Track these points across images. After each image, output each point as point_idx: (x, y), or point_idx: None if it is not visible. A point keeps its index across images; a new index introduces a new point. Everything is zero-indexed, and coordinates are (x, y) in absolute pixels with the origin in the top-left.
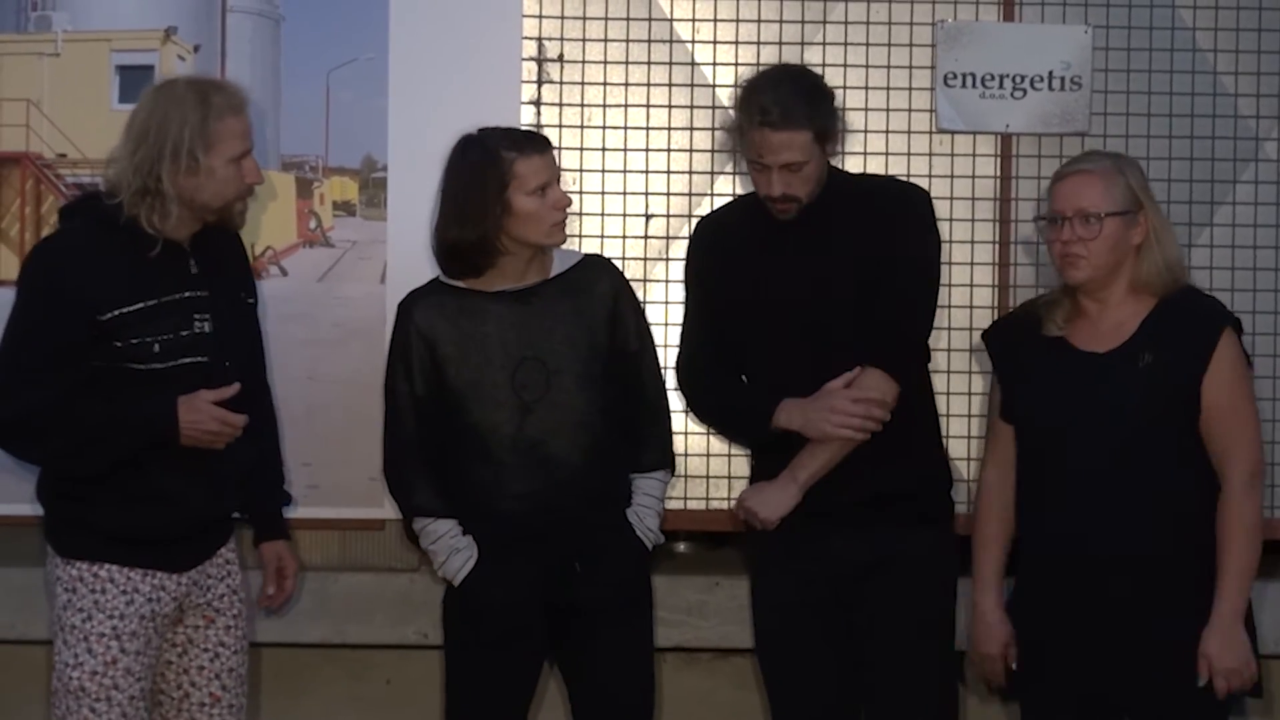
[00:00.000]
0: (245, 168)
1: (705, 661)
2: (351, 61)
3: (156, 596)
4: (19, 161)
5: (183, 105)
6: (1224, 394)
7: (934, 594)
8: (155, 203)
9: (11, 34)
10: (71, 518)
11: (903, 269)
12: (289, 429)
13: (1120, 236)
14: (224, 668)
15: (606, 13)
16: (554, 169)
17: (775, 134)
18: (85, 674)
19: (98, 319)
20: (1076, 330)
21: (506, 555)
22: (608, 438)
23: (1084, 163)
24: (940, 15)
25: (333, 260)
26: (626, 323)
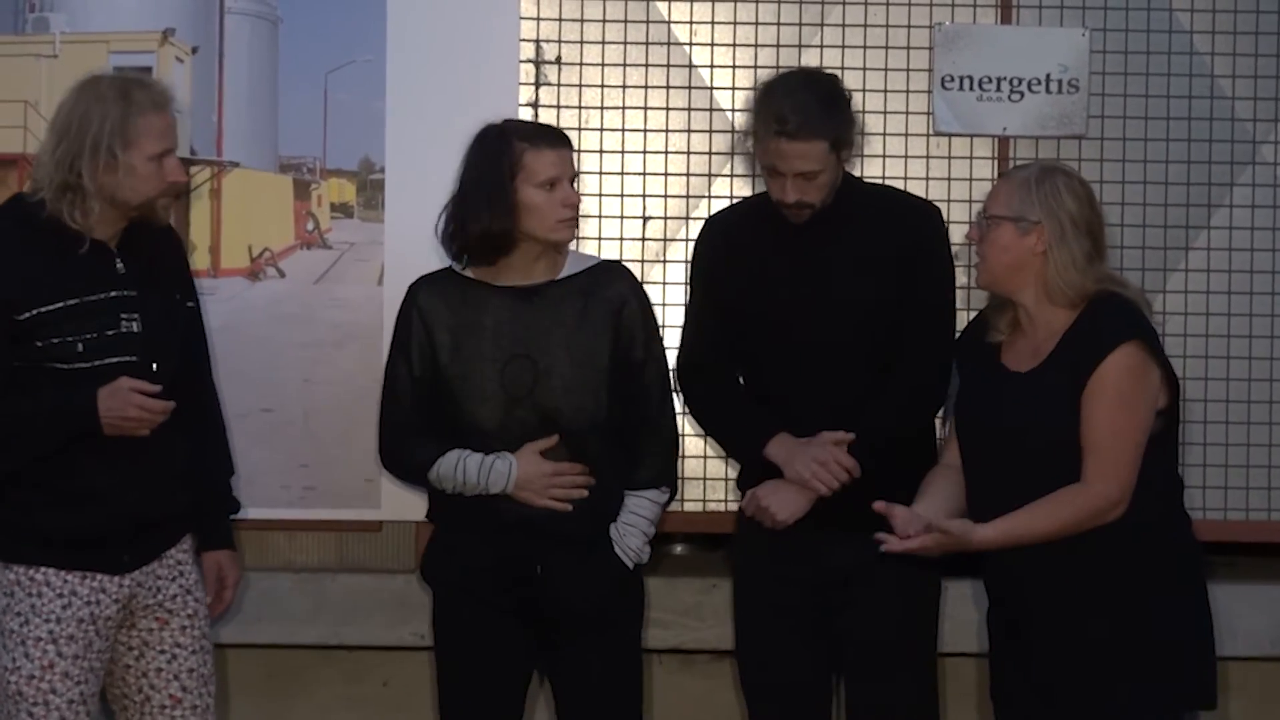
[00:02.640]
0: (167, 166)
1: (702, 664)
2: (349, 63)
3: (96, 599)
4: (16, 163)
5: (104, 101)
6: (1096, 407)
7: (916, 601)
8: (76, 199)
9: (9, 35)
10: (8, 522)
11: (933, 306)
12: (286, 431)
13: (1011, 243)
14: (182, 668)
15: (604, 15)
16: (566, 166)
17: (791, 144)
18: (22, 678)
19: (15, 319)
20: (1011, 343)
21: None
22: (597, 448)
23: (1016, 170)
24: (938, 18)
25: (330, 262)
26: (634, 332)
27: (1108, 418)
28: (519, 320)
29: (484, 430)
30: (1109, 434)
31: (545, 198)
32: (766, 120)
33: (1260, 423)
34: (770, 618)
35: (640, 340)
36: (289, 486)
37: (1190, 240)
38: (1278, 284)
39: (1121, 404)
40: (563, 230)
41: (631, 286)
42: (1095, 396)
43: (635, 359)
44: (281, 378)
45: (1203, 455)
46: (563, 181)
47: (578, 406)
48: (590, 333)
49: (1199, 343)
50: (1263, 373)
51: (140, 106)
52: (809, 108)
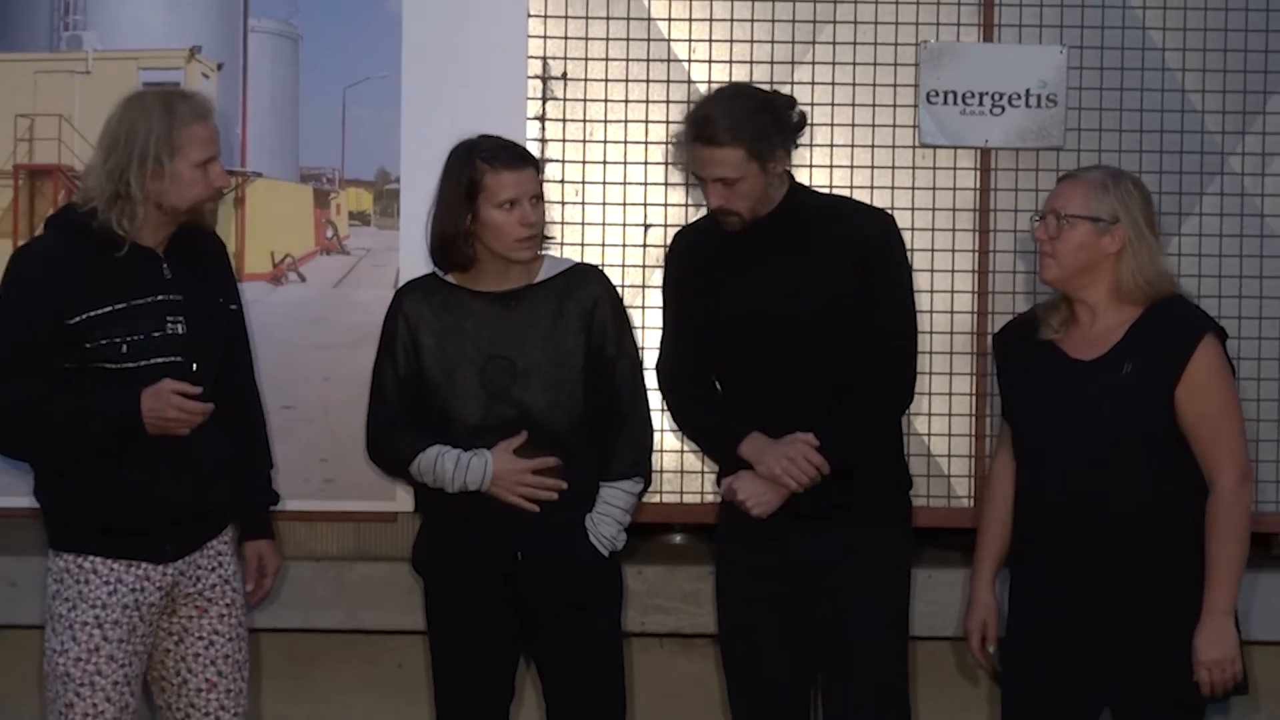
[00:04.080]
0: (211, 172)
1: (700, 647)
2: (366, 79)
3: (140, 587)
4: (51, 173)
5: (149, 114)
6: (1203, 401)
7: (888, 590)
8: (125, 206)
9: (45, 53)
10: (60, 512)
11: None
12: (307, 427)
13: (1088, 242)
14: (219, 655)
15: (607, 34)
16: (526, 186)
17: (707, 149)
18: (70, 660)
19: (66, 323)
20: (1070, 337)
21: (457, 529)
22: (573, 443)
23: (1083, 171)
24: (923, 36)
25: (348, 267)
26: (605, 330)
27: (1220, 406)
28: (498, 323)
29: (467, 426)
30: (1224, 420)
31: (504, 217)
32: (689, 126)
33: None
34: (748, 604)
35: (612, 337)
36: (309, 480)
37: (1162, 246)
38: (1244, 288)
39: (1224, 390)
40: (521, 249)
41: (603, 287)
42: (1200, 390)
43: (607, 355)
44: (302, 376)
45: None
46: (522, 202)
47: (555, 403)
48: (565, 332)
49: None
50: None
51: (183, 117)
52: (727, 115)
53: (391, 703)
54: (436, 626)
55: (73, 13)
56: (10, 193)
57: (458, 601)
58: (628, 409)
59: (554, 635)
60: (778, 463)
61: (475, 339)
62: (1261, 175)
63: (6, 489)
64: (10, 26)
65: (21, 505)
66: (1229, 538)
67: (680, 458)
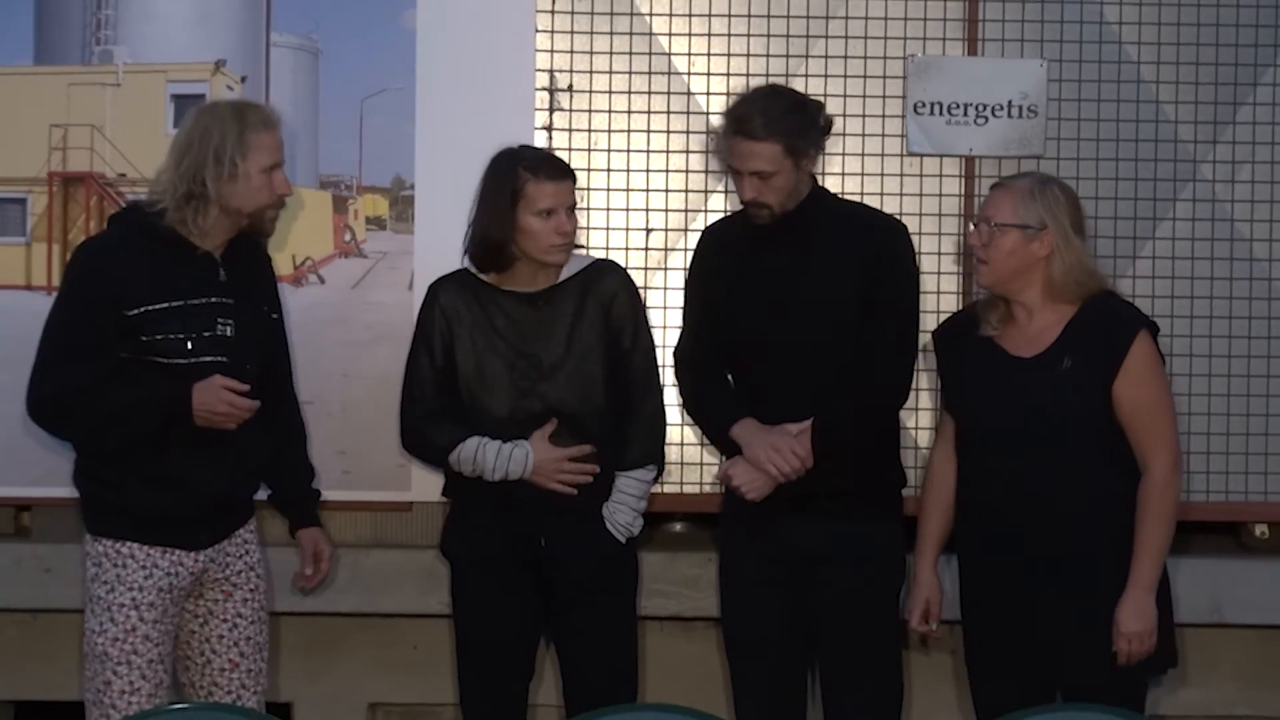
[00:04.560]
0: (276, 179)
1: (700, 629)
2: (382, 91)
3: (174, 571)
4: (84, 180)
5: (223, 120)
6: (1140, 393)
7: (880, 579)
8: (199, 205)
9: (78, 66)
10: (100, 499)
11: (899, 308)
12: (326, 421)
13: (1017, 248)
14: (241, 636)
15: (611, 48)
16: (564, 197)
17: (745, 143)
18: (108, 640)
19: (125, 313)
20: (1008, 334)
21: (484, 516)
22: (596, 433)
23: (1010, 180)
24: (911, 50)
25: (365, 270)
26: (622, 324)
27: (1154, 398)
28: (527, 322)
29: (495, 418)
30: (1158, 411)
31: (542, 224)
32: (729, 121)
33: (1200, 413)
34: (748, 587)
35: (628, 331)
36: (328, 471)
37: (1137, 250)
38: (1215, 289)
39: (1158, 383)
40: (555, 254)
41: (622, 282)
42: (1136, 382)
43: (623, 348)
44: (321, 373)
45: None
46: (559, 211)
47: (579, 396)
48: (586, 327)
49: None
50: (1202, 369)
51: (253, 124)
52: (766, 112)
53: (406, 682)
54: (462, 607)
55: (104, 28)
56: (45, 198)
57: (483, 584)
58: (642, 400)
59: (573, 618)
60: (762, 450)
61: (505, 336)
62: (1231, 182)
63: (42, 480)
64: (46, 41)
65: (56, 495)
66: (1158, 520)
67: (681, 450)
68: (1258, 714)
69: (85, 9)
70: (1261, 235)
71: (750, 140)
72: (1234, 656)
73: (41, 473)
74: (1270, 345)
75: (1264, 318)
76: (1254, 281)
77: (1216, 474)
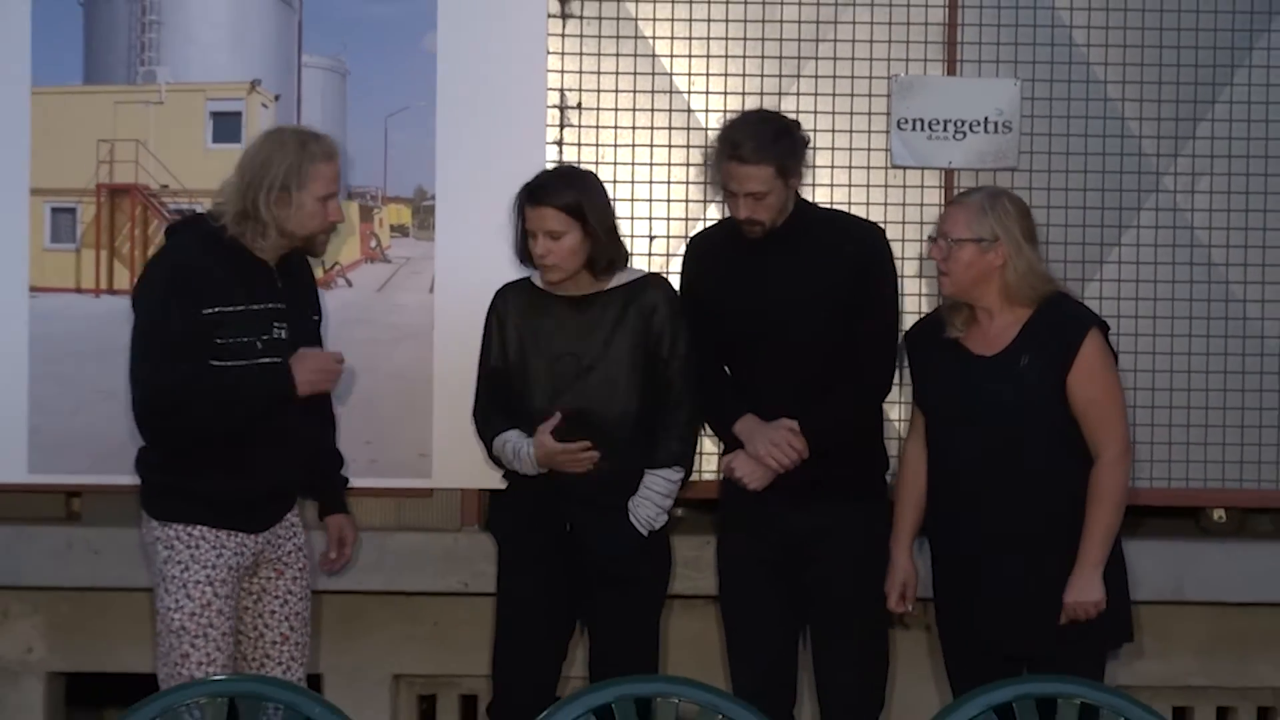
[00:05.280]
0: (330, 207)
1: (699, 607)
2: (405, 109)
3: (239, 552)
4: (130, 191)
5: (285, 148)
6: (1090, 386)
7: (867, 558)
8: (254, 225)
9: (124, 85)
10: (169, 487)
11: (881, 309)
12: (354, 413)
13: (974, 260)
14: (291, 612)
15: (617, 69)
16: (538, 222)
17: (741, 167)
18: (185, 615)
19: (201, 312)
20: (972, 335)
21: (523, 500)
22: (625, 431)
23: (964, 196)
24: (894, 70)
25: (390, 274)
26: (660, 334)
27: (1104, 391)
28: (571, 324)
29: (536, 411)
30: (1108, 403)
31: (533, 245)
32: (723, 146)
33: (1162, 406)
34: (744, 566)
35: (666, 341)
36: (355, 460)
37: (1104, 256)
38: (1176, 291)
39: (1108, 377)
40: (547, 274)
41: (664, 295)
42: (1088, 377)
43: (660, 356)
44: (349, 369)
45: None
46: (538, 236)
47: (611, 397)
48: (626, 335)
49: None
50: (1164, 365)
51: (314, 155)
52: (757, 137)
53: (427, 655)
54: (501, 582)
55: (148, 50)
56: (94, 208)
57: (519, 563)
58: (675, 404)
59: (601, 601)
60: (762, 445)
61: (551, 336)
62: (1191, 193)
63: (91, 467)
64: (94, 63)
65: (104, 481)
66: (1106, 503)
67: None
68: (1214, 684)
69: (130, 33)
70: (1219, 242)
71: (744, 164)
72: (1193, 631)
73: (90, 461)
74: (1227, 344)
75: (1221, 318)
76: (1211, 285)
77: (1178, 463)
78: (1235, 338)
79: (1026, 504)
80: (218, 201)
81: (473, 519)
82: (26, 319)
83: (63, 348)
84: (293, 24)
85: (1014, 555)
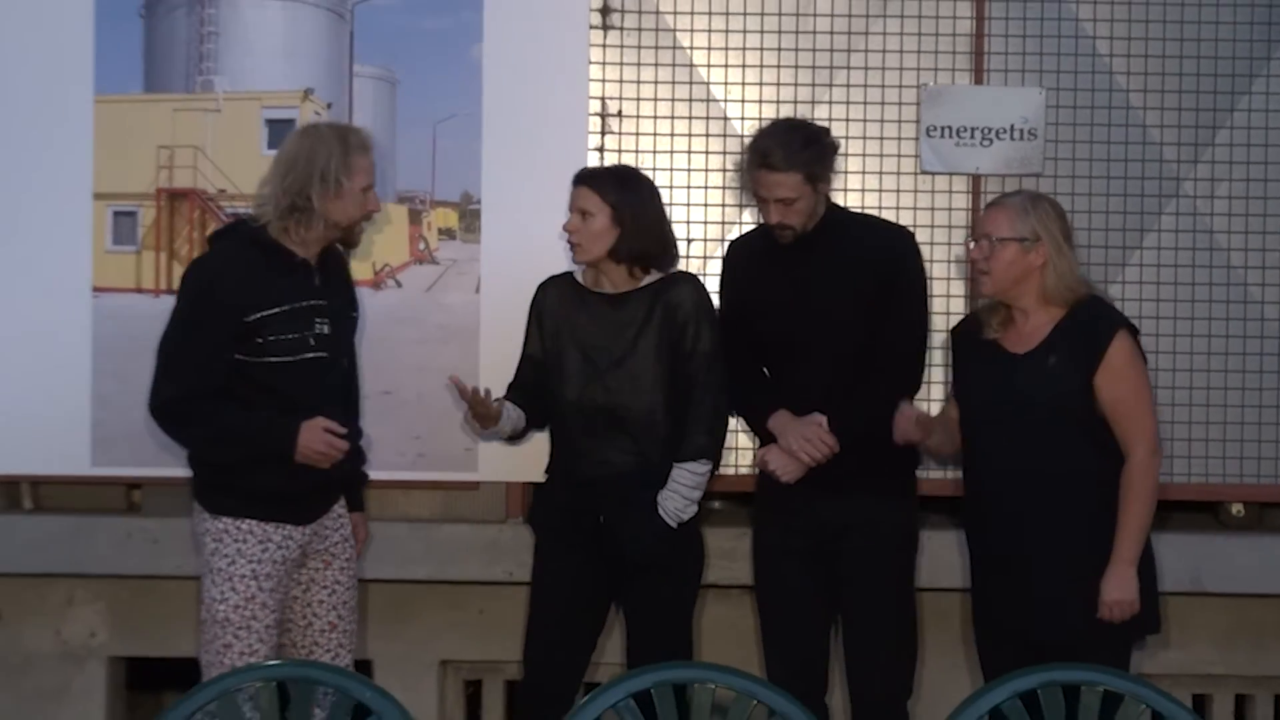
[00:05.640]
0: (369, 197)
1: (735, 596)
2: (453, 116)
3: (286, 544)
4: (188, 196)
5: (328, 141)
6: (1117, 386)
7: (896, 550)
8: (303, 218)
9: (183, 94)
10: (219, 481)
11: (911, 309)
12: (402, 409)
13: (1016, 259)
14: (339, 601)
15: (656, 78)
16: (581, 200)
17: (770, 174)
18: (229, 607)
19: (244, 320)
20: (1008, 335)
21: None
22: (658, 424)
23: (1004, 198)
24: (923, 80)
25: (437, 275)
26: (685, 329)
27: (1132, 391)
28: (604, 319)
29: (567, 401)
30: (1136, 403)
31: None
32: (753, 155)
33: (1182, 404)
34: (779, 557)
35: (690, 335)
36: (404, 453)
37: (1125, 259)
38: (1196, 293)
39: (1136, 378)
40: (573, 252)
41: (690, 290)
42: (1114, 377)
43: (684, 351)
44: (399, 367)
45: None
46: (572, 211)
47: (638, 389)
48: (652, 330)
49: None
50: (1184, 365)
51: (355, 147)
52: (786, 146)
53: (473, 642)
54: (536, 570)
55: (206, 60)
56: (154, 211)
57: (553, 552)
58: (700, 399)
59: (636, 589)
60: (795, 440)
61: (585, 329)
62: (1211, 198)
63: (150, 461)
64: (155, 73)
65: (162, 474)
66: (1137, 501)
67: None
68: (1232, 673)
69: (189, 44)
70: (1238, 245)
71: (773, 172)
72: (1211, 622)
73: (149, 455)
74: (1245, 344)
75: (1240, 319)
76: (1230, 287)
77: (1197, 459)
78: (1253, 338)
79: (1055, 500)
80: (258, 204)
81: (517, 511)
82: (89, 318)
83: (124, 346)
84: (344, 35)
85: (1043, 548)
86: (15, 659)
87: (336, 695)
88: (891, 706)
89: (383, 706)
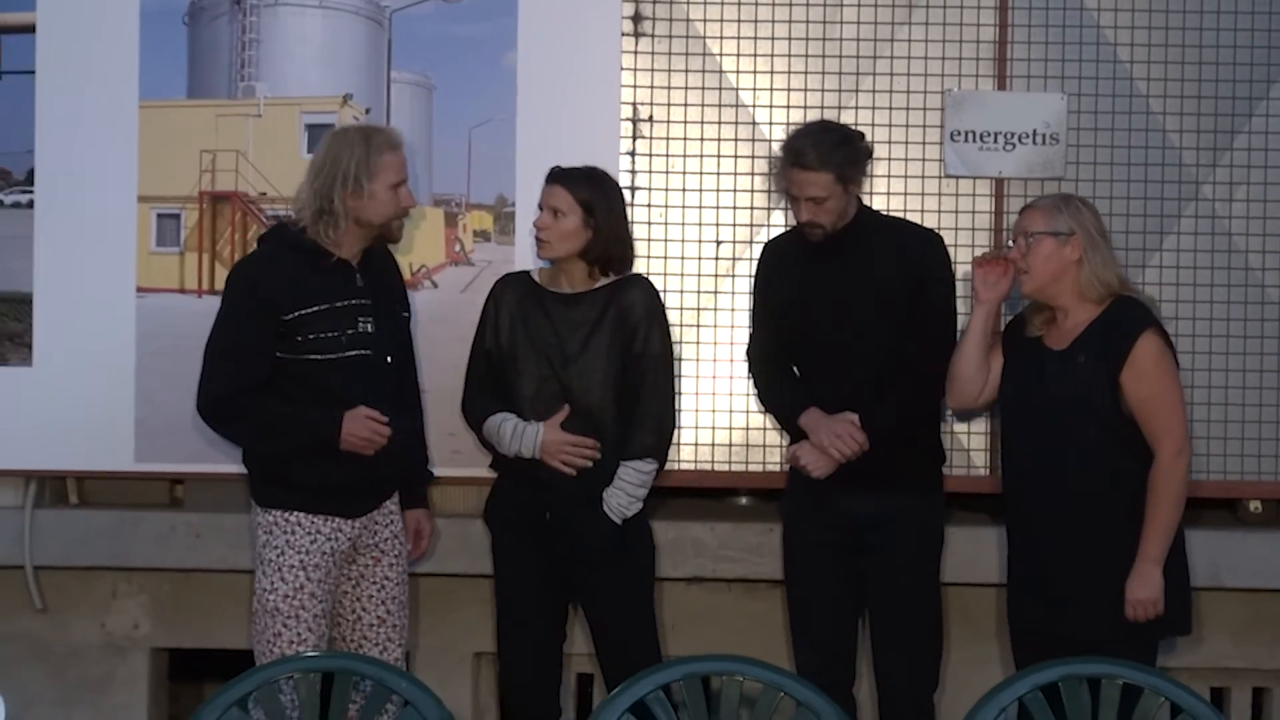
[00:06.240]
0: (401, 194)
1: (762, 590)
2: (487, 121)
3: (335, 537)
4: (230, 198)
5: (351, 144)
6: (1143, 385)
7: (923, 546)
8: (330, 220)
9: (225, 99)
10: (270, 475)
11: (939, 310)
12: (439, 406)
13: (1053, 252)
14: (388, 596)
15: (686, 84)
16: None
17: (803, 173)
18: (279, 597)
19: (282, 318)
20: (1050, 332)
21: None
22: (604, 421)
23: (1039, 200)
24: (948, 85)
25: (473, 276)
26: (636, 330)
27: (1160, 390)
28: (560, 318)
29: (522, 397)
30: (1163, 402)
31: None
32: (787, 154)
33: (1200, 403)
34: (807, 551)
35: (641, 337)
36: (439, 450)
37: (1145, 261)
38: (1215, 295)
39: (1163, 378)
40: (539, 247)
41: (641, 294)
42: (1140, 376)
43: (635, 352)
44: (434, 366)
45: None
46: (543, 210)
47: (589, 387)
48: (606, 330)
49: None
50: (1203, 365)
51: (379, 147)
52: (819, 146)
53: None
54: (496, 567)
55: (247, 67)
56: (197, 214)
57: (509, 548)
58: (648, 399)
59: (589, 583)
60: (826, 435)
61: (540, 328)
62: (1229, 201)
63: (192, 457)
64: (198, 79)
65: (205, 470)
66: (1164, 500)
67: (746, 434)
68: (1250, 666)
69: (231, 51)
70: (1256, 248)
71: (806, 170)
72: (1230, 616)
73: (192, 451)
74: (1263, 344)
75: (1257, 320)
76: (1248, 289)
77: (1216, 456)
78: (1270, 338)
79: (1081, 498)
80: (297, 207)
81: None
82: (134, 318)
83: (167, 345)
84: (382, 42)
85: (1072, 544)
86: (61, 649)
87: (374, 685)
88: (917, 698)
89: (418, 698)
